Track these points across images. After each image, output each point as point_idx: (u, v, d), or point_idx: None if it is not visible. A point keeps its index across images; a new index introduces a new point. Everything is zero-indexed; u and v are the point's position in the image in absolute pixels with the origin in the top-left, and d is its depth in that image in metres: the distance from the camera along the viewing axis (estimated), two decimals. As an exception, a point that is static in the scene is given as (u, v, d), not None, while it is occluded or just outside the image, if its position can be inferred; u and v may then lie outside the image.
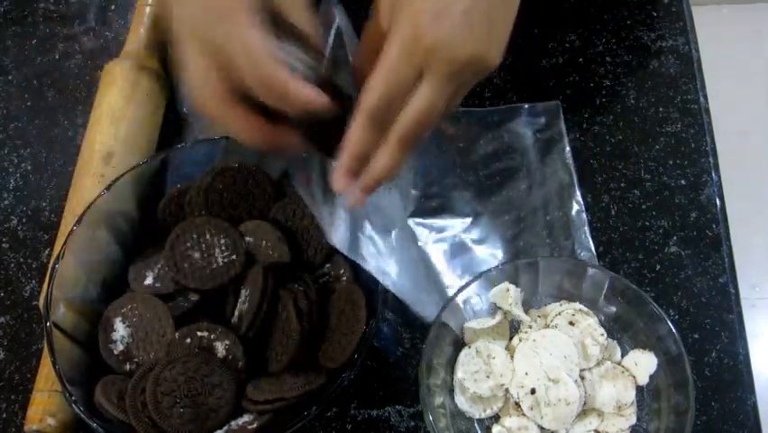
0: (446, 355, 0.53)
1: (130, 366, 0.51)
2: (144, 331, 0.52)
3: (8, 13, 0.78)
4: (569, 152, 0.63)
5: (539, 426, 0.51)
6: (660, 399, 0.51)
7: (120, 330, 0.52)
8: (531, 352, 0.52)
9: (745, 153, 1.61)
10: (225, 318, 0.53)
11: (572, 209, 0.60)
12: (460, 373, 0.52)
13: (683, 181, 0.62)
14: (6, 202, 0.67)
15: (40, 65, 0.74)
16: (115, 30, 0.75)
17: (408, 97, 0.43)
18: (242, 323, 0.51)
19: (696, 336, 0.56)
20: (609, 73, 0.67)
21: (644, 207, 0.61)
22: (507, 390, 0.52)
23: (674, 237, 0.60)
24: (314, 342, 0.52)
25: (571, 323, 0.53)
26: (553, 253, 0.59)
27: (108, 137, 0.62)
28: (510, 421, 0.51)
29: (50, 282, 0.51)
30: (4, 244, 0.65)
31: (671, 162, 0.63)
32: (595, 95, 0.66)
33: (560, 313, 0.54)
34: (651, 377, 0.52)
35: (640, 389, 0.52)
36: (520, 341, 0.53)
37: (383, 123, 0.44)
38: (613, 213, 0.61)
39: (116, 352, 0.52)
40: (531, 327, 0.54)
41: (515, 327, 0.55)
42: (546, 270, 0.55)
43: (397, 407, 0.55)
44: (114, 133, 0.62)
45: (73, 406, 0.47)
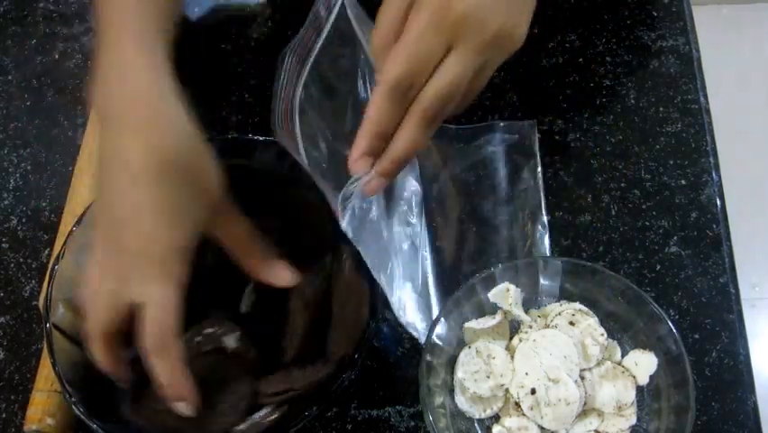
0: (446, 355, 0.53)
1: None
2: None
3: (8, 13, 0.78)
4: (540, 172, 0.62)
5: (539, 426, 0.51)
6: (660, 399, 0.51)
7: None
8: (531, 352, 0.52)
9: (745, 153, 1.61)
10: (230, 309, 0.53)
11: (536, 232, 0.60)
12: (460, 373, 0.52)
13: (683, 181, 0.62)
14: (6, 202, 0.67)
15: (40, 65, 0.74)
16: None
17: (433, 71, 0.41)
18: (253, 313, 0.51)
19: (696, 336, 0.56)
20: (609, 73, 0.67)
21: (644, 207, 0.61)
22: (507, 390, 0.52)
23: (674, 237, 0.60)
24: (320, 332, 0.52)
25: (571, 323, 0.53)
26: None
27: (108, 137, 0.62)
28: (510, 421, 0.51)
29: (49, 283, 0.51)
30: (4, 244, 0.65)
31: (671, 162, 0.63)
32: (595, 95, 0.66)
33: (560, 313, 0.54)
34: (651, 377, 0.52)
35: (640, 389, 0.52)
36: (520, 341, 0.53)
37: (405, 97, 0.42)
38: (613, 213, 0.61)
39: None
40: (531, 327, 0.54)
41: (515, 326, 0.55)
42: (546, 270, 0.55)
43: (397, 407, 0.55)
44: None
45: (72, 407, 0.47)
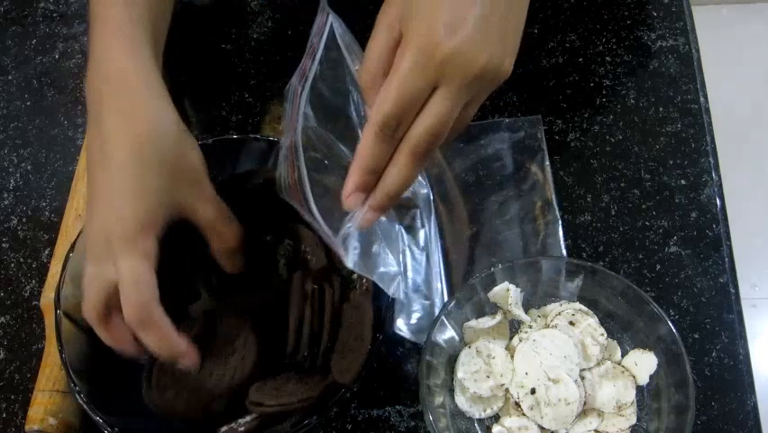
0: (446, 355, 0.53)
1: None
2: None
3: (8, 13, 0.78)
4: (548, 166, 0.62)
5: (539, 426, 0.51)
6: (660, 399, 0.51)
7: None
8: (531, 352, 0.52)
9: (745, 153, 1.61)
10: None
11: (550, 225, 0.60)
12: (460, 373, 0.52)
13: (683, 181, 0.62)
14: (6, 202, 0.67)
15: (40, 65, 0.74)
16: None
17: (421, 109, 0.42)
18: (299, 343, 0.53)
19: (696, 335, 0.56)
20: (609, 73, 0.67)
21: (644, 206, 0.61)
22: (507, 390, 0.52)
23: (674, 237, 0.60)
24: (326, 348, 0.52)
25: (571, 323, 0.53)
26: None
27: (108, 137, 0.62)
28: (510, 421, 0.51)
29: (63, 271, 0.51)
30: (4, 244, 0.65)
31: (671, 162, 0.63)
32: (595, 95, 0.66)
33: (560, 313, 0.54)
34: (651, 377, 0.52)
35: (640, 389, 0.52)
36: (520, 341, 0.53)
37: (395, 136, 0.43)
38: (613, 213, 0.61)
39: None
40: (531, 327, 0.54)
41: (515, 327, 0.55)
42: (546, 270, 0.55)
43: (397, 407, 0.55)
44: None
45: (76, 396, 0.47)
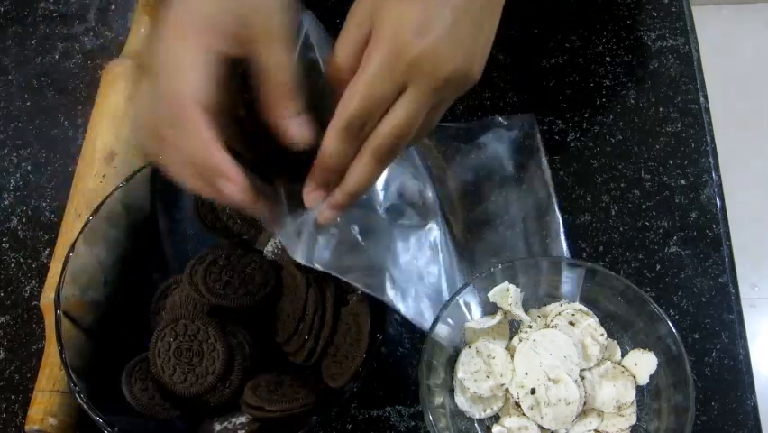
0: (446, 355, 0.53)
1: None
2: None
3: (8, 13, 0.78)
4: (546, 163, 0.62)
5: (539, 426, 0.51)
6: (660, 399, 0.51)
7: None
8: (531, 352, 0.52)
9: (745, 153, 1.61)
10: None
11: (551, 224, 0.60)
12: (460, 373, 0.52)
13: (683, 181, 0.62)
14: (6, 202, 0.67)
15: (40, 65, 0.74)
16: (115, 30, 0.75)
17: (387, 110, 0.42)
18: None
19: (696, 335, 0.56)
20: (609, 73, 0.67)
21: (644, 206, 0.61)
22: (507, 390, 0.52)
23: (674, 237, 0.60)
24: (324, 345, 0.52)
25: (571, 323, 0.53)
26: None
27: (110, 137, 0.62)
28: (510, 421, 0.51)
29: (63, 270, 0.51)
30: (4, 244, 0.65)
31: (671, 162, 0.63)
32: (595, 95, 0.66)
33: (560, 313, 0.54)
34: (651, 377, 0.52)
35: (640, 389, 0.52)
36: (520, 341, 0.53)
37: (359, 135, 0.43)
38: (613, 213, 0.61)
39: None
40: (531, 327, 0.54)
41: (515, 326, 0.55)
42: (546, 270, 0.55)
43: (397, 407, 0.55)
44: (116, 134, 0.62)
45: (76, 396, 0.47)
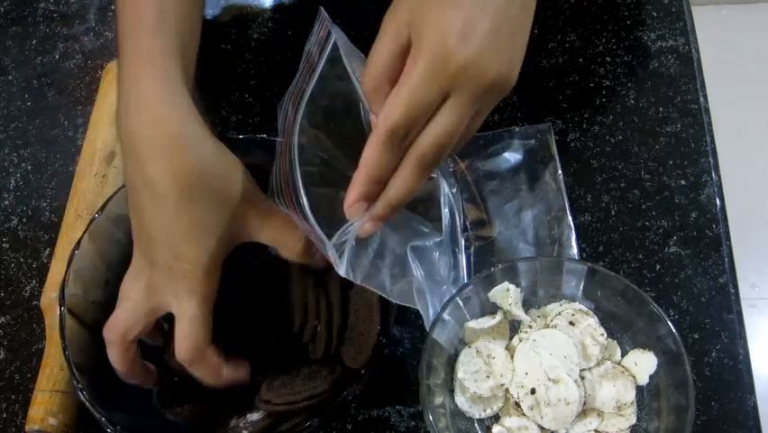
0: (446, 355, 0.53)
1: None
2: None
3: (8, 13, 0.78)
4: (561, 174, 0.62)
5: (539, 426, 0.51)
6: (660, 399, 0.51)
7: None
8: (531, 352, 0.52)
9: (745, 153, 1.61)
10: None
11: (563, 233, 0.60)
12: (460, 373, 0.52)
13: (683, 181, 0.62)
14: (6, 202, 0.67)
15: (40, 65, 0.74)
16: (115, 30, 0.75)
17: (430, 119, 0.42)
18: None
19: (696, 335, 0.56)
20: (609, 73, 0.67)
21: (644, 206, 0.61)
22: (507, 390, 0.52)
23: (674, 237, 0.60)
24: (339, 328, 0.53)
25: (571, 323, 0.53)
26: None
27: (110, 137, 0.62)
28: (510, 421, 0.51)
29: (67, 267, 0.51)
30: (4, 244, 0.65)
31: (671, 162, 0.63)
32: (595, 95, 0.66)
33: (560, 313, 0.54)
34: (651, 377, 0.52)
35: (640, 389, 0.52)
36: (520, 341, 0.53)
37: (402, 145, 0.42)
38: (613, 213, 0.61)
39: None
40: (531, 327, 0.54)
41: (515, 327, 0.55)
42: (546, 270, 0.55)
43: (397, 407, 0.55)
44: (116, 134, 0.62)
45: (79, 393, 0.47)
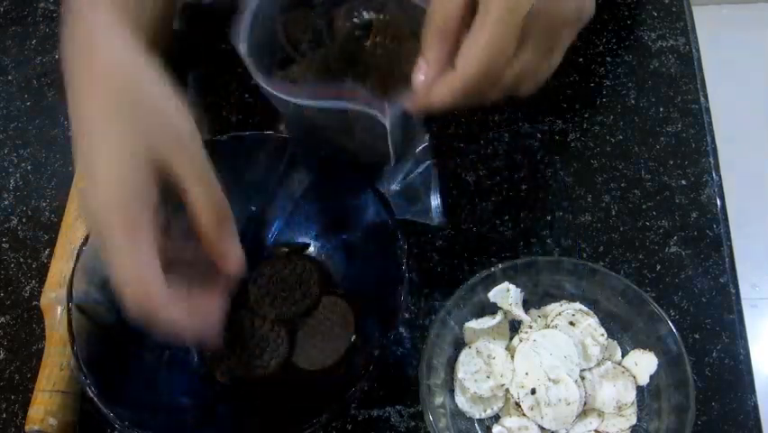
0: (446, 355, 0.53)
1: None
2: None
3: (8, 13, 0.78)
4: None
5: (539, 426, 0.51)
6: (660, 399, 0.51)
7: None
8: (531, 352, 0.52)
9: (745, 153, 1.61)
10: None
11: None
12: (460, 373, 0.52)
13: (683, 181, 0.62)
14: (6, 202, 0.67)
15: (40, 65, 0.74)
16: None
17: (508, 63, 0.41)
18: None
19: (696, 336, 0.56)
20: (609, 73, 0.67)
21: (644, 206, 0.61)
22: (507, 390, 0.52)
23: (674, 237, 0.60)
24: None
25: (572, 323, 0.53)
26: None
27: (108, 137, 0.62)
28: (510, 421, 0.51)
29: (75, 263, 0.51)
30: (4, 244, 0.65)
31: (671, 162, 0.63)
32: (595, 95, 0.66)
33: (560, 313, 0.54)
34: (651, 377, 0.52)
35: (640, 389, 0.52)
36: (520, 341, 0.53)
37: (479, 92, 0.42)
38: (613, 213, 0.61)
39: None
40: (531, 327, 0.54)
41: (515, 327, 0.55)
42: (546, 270, 0.55)
43: (397, 407, 0.55)
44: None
45: (88, 390, 0.47)
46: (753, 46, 1.80)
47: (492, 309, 0.55)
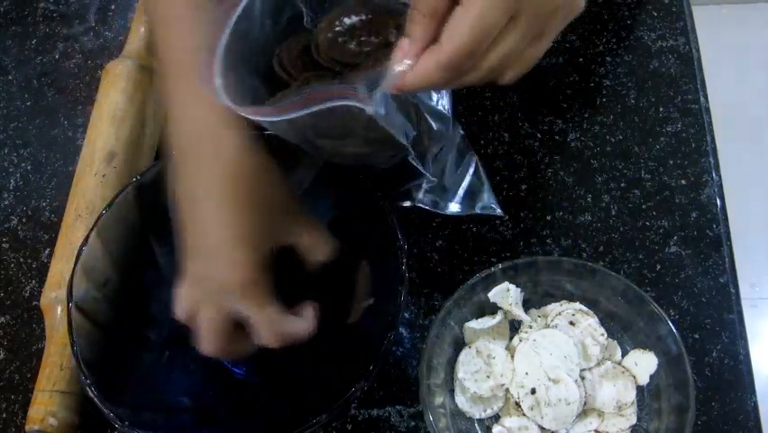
0: (446, 355, 0.53)
1: None
2: None
3: (8, 13, 0.78)
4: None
5: (539, 426, 0.51)
6: (660, 399, 0.51)
7: None
8: (531, 352, 0.52)
9: (745, 153, 1.61)
10: None
11: None
12: (460, 373, 0.52)
13: (683, 181, 0.62)
14: (6, 202, 0.67)
15: (40, 65, 0.74)
16: (115, 30, 0.76)
17: (495, 42, 0.41)
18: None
19: (696, 335, 0.56)
20: (609, 73, 0.67)
21: (644, 206, 0.61)
22: (507, 390, 0.52)
23: (674, 237, 0.60)
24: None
25: (572, 323, 0.53)
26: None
27: (110, 137, 0.62)
28: (510, 421, 0.51)
29: (75, 264, 0.51)
30: (4, 244, 0.65)
31: (671, 162, 0.63)
32: (595, 95, 0.66)
33: (560, 313, 0.54)
34: (651, 377, 0.52)
35: (640, 389, 0.52)
36: (520, 341, 0.53)
37: (463, 68, 0.41)
38: (613, 213, 0.61)
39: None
40: (531, 327, 0.54)
41: (515, 327, 0.55)
42: (546, 270, 0.55)
43: (398, 407, 0.55)
44: (116, 134, 0.62)
45: (88, 389, 0.47)
46: (753, 46, 1.80)
47: (492, 309, 0.55)
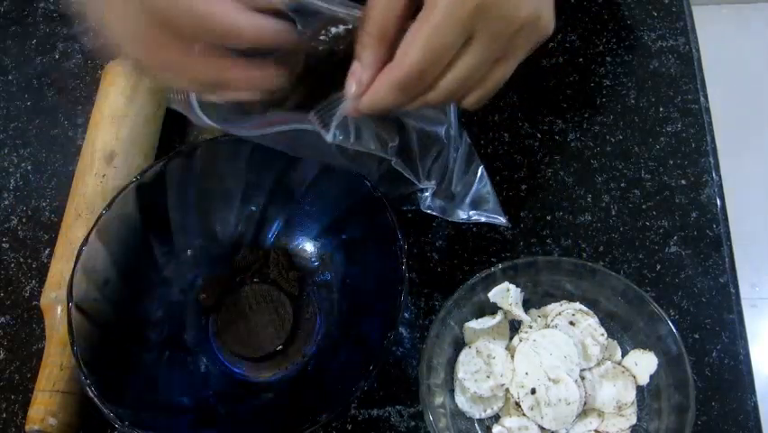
0: (446, 355, 0.53)
1: None
2: None
3: (8, 13, 0.78)
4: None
5: (539, 426, 0.51)
6: (660, 399, 0.51)
7: None
8: (531, 352, 0.52)
9: (745, 153, 1.61)
10: None
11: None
12: (460, 373, 0.52)
13: (683, 181, 0.62)
14: (6, 202, 0.67)
15: (40, 65, 0.74)
16: (115, 30, 0.75)
17: (449, 63, 0.39)
18: None
19: (696, 335, 0.56)
20: (609, 73, 0.67)
21: (644, 206, 0.61)
22: (507, 390, 0.52)
23: (674, 237, 0.60)
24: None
25: (572, 323, 0.53)
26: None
27: (110, 137, 0.62)
28: (510, 421, 0.51)
29: (75, 263, 0.51)
30: (4, 244, 0.65)
31: (671, 162, 0.63)
32: (595, 95, 0.66)
33: (560, 313, 0.54)
34: (651, 377, 0.52)
35: (640, 389, 0.53)
36: (520, 341, 0.53)
37: (415, 88, 0.40)
38: (613, 213, 0.61)
39: None
40: (531, 327, 0.54)
41: (515, 327, 0.55)
42: (546, 270, 0.55)
43: (397, 407, 0.55)
44: (116, 134, 0.62)
45: (88, 389, 0.47)
46: (753, 46, 1.80)
47: (492, 309, 0.55)
